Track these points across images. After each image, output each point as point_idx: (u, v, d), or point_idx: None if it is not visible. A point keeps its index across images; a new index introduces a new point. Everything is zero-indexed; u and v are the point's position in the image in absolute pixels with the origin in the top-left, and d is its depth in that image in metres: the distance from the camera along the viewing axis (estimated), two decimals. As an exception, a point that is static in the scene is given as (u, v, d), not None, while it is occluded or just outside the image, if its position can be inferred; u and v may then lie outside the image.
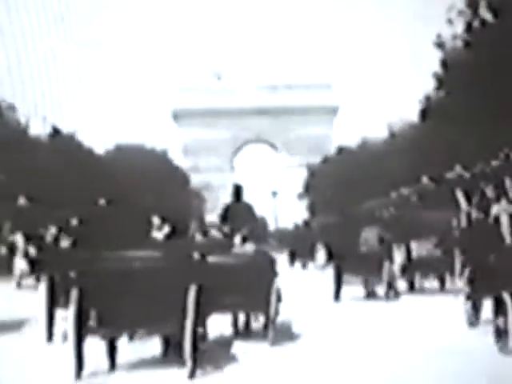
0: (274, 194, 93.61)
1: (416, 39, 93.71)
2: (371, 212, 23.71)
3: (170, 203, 49.89)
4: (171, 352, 10.81)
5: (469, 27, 27.22)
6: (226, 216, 14.22)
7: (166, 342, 11.15)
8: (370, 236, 20.13)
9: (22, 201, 24.78)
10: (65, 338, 12.11)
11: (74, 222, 16.39)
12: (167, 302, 10.11)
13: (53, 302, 13.42)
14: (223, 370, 10.03)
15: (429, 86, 32.37)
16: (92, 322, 10.05)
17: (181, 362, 9.86)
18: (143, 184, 53.31)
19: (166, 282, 10.22)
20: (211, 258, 12.68)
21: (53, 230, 19.87)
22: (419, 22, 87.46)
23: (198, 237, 14.99)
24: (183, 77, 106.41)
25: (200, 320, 10.42)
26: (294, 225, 47.57)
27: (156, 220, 12.38)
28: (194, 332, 10.07)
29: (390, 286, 18.85)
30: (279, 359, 10.58)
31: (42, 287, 13.60)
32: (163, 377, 9.74)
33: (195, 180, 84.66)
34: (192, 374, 9.67)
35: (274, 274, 13.21)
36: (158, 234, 12.34)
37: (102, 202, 16.26)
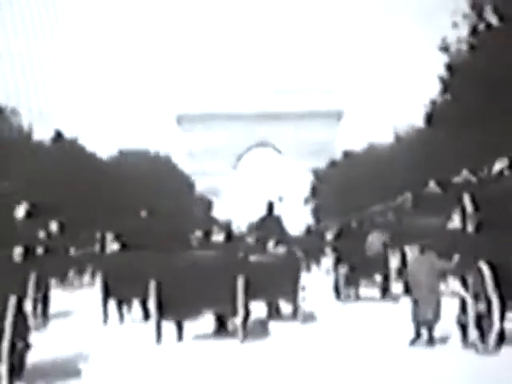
0: (280, 198, 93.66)
1: (421, 43, 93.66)
2: (373, 217, 24.12)
3: (176, 208, 49.79)
4: (222, 328, 14.32)
5: (474, 31, 27.07)
6: (261, 225, 17.90)
7: (218, 320, 14.48)
8: (374, 240, 21.08)
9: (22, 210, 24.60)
10: (121, 319, 16.93)
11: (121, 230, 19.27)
12: (223, 288, 13.33)
13: (107, 294, 17.02)
14: (264, 341, 13.50)
15: (434, 90, 32.25)
16: (166, 306, 13.44)
17: (229, 335, 13.53)
18: (148, 189, 53.18)
19: (222, 274, 13.49)
20: (253, 257, 16.28)
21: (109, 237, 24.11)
22: (424, 25, 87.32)
23: (248, 240, 18.41)
24: (188, 82, 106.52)
25: (246, 303, 13.62)
26: (301, 230, 47.61)
27: (215, 229, 15.44)
28: (244, 311, 13.41)
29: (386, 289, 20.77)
30: (307, 334, 14.20)
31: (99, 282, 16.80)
32: (219, 344, 12.94)
33: (200, 184, 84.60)
34: (243, 340, 13.01)
35: (300, 269, 17.23)
36: (217, 238, 15.23)
37: (143, 213, 18.89)
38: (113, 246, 18.93)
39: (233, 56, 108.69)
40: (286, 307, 17.15)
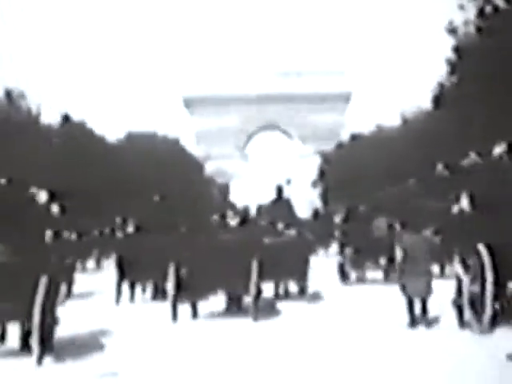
0: (288, 181, 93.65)
1: (428, 25, 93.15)
2: (381, 201, 24.46)
3: (186, 192, 49.88)
4: (232, 307, 15.57)
5: (481, 13, 26.99)
6: (271, 209, 18.36)
7: (229, 299, 15.65)
8: (380, 224, 21.62)
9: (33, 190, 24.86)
10: (132, 299, 18.18)
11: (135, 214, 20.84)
12: (238, 270, 14.19)
13: (122, 275, 18.05)
14: (275, 319, 14.30)
15: (442, 72, 32.20)
16: (183, 287, 14.36)
17: (240, 314, 14.74)
18: (157, 172, 53.27)
19: (238, 256, 14.35)
20: (266, 239, 17.04)
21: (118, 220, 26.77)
22: (431, 7, 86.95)
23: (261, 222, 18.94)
24: (195, 64, 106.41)
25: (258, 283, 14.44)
26: (309, 213, 47.72)
27: (230, 213, 16.11)
28: (257, 290, 14.23)
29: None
30: (314, 313, 15.11)
31: (113, 265, 17.97)
32: (232, 322, 13.93)
33: (208, 168, 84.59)
34: (255, 319, 13.93)
35: (310, 251, 18.72)
36: (232, 222, 16.05)
37: (156, 198, 19.75)
38: (128, 229, 19.67)
39: (241, 38, 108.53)
40: (292, 287, 18.21)
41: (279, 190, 18.49)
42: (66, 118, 45.70)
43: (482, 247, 10.68)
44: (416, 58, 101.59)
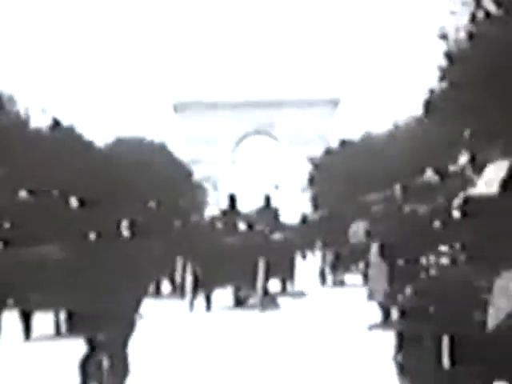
0: (276, 186, 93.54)
1: (419, 31, 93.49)
2: (366, 206, 24.64)
3: (173, 196, 49.74)
4: (240, 302, 17.79)
5: (472, 19, 26.99)
6: (258, 216, 19.50)
7: (237, 295, 17.78)
8: (359, 228, 21.97)
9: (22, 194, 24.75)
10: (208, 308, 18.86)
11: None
12: (247, 268, 16.43)
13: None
14: (278, 311, 16.73)
15: (432, 78, 32.19)
16: (200, 282, 16.78)
17: (249, 307, 17.07)
18: (145, 177, 53.14)
19: (246, 256, 16.59)
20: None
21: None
22: (422, 13, 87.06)
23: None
24: (185, 69, 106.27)
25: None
26: (298, 218, 47.66)
27: (242, 222, 18.09)
28: (264, 286, 16.61)
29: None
30: (305, 307, 17.69)
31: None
32: (242, 314, 16.10)
33: (196, 172, 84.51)
34: (263, 310, 16.14)
35: (295, 252, 21.11)
36: (242, 226, 17.89)
37: (152, 204, 21.34)
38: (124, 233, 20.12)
39: (230, 44, 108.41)
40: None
41: (267, 199, 19.71)
42: (56, 123, 45.46)
43: None
44: (407, 63, 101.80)
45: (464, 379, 4.89)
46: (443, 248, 10.48)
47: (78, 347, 8.89)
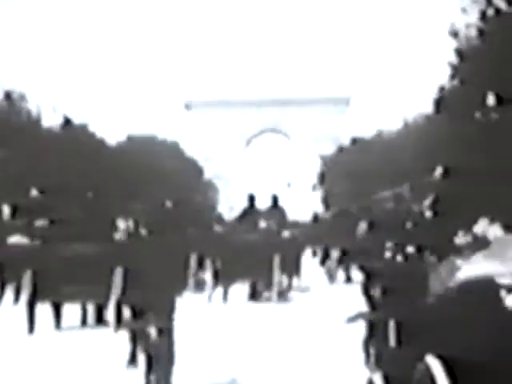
0: (289, 184, 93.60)
1: (429, 28, 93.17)
2: (378, 204, 24.96)
3: (184, 194, 49.82)
4: (255, 295, 18.89)
5: (483, 16, 26.98)
6: (265, 216, 21.17)
7: (252, 289, 19.04)
8: (360, 228, 22.54)
9: (34, 192, 24.99)
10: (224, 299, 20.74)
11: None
12: (263, 264, 17.34)
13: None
14: (289, 303, 18.22)
15: (444, 76, 32.19)
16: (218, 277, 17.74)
17: (261, 300, 18.26)
18: (156, 174, 53.25)
19: (264, 252, 17.58)
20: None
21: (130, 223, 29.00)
22: (433, 10, 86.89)
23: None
24: (195, 68, 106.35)
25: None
26: (310, 217, 47.76)
27: (263, 221, 19.09)
28: (280, 280, 17.56)
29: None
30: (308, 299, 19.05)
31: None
32: (258, 306, 17.49)
33: (208, 170, 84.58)
34: (279, 301, 17.04)
35: (301, 249, 22.07)
36: (262, 224, 19.09)
37: (168, 203, 23.48)
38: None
39: (240, 42, 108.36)
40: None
41: (274, 200, 21.80)
42: (67, 121, 45.65)
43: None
44: (417, 61, 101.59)
45: (405, 358, 5.70)
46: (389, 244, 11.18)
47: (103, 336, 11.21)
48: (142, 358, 9.58)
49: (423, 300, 5.91)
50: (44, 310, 14.53)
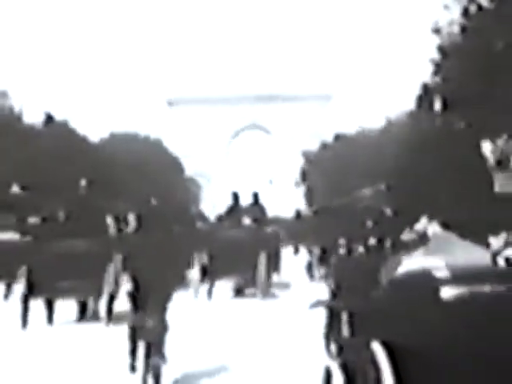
0: (271, 181, 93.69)
1: (412, 25, 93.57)
2: (358, 201, 25.19)
3: (167, 191, 49.74)
4: (239, 291, 19.37)
5: (465, 12, 27.05)
6: (246, 213, 20.95)
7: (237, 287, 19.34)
8: None
9: (15, 189, 24.84)
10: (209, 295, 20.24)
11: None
12: (249, 260, 18.17)
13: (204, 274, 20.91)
14: (276, 298, 18.71)
15: (426, 72, 32.25)
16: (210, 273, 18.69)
17: (248, 296, 18.84)
18: (139, 172, 53.12)
19: (249, 249, 18.33)
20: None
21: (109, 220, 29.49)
22: (415, 7, 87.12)
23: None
24: (178, 65, 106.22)
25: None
26: (292, 213, 47.73)
27: (246, 218, 19.65)
28: (266, 276, 18.41)
29: None
30: (291, 295, 19.44)
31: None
32: (245, 301, 18.22)
33: (190, 167, 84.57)
34: (264, 297, 18.03)
35: (280, 246, 22.57)
36: (246, 221, 19.50)
37: (153, 201, 22.45)
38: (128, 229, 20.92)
39: (223, 39, 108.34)
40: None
41: (255, 196, 21.19)
42: (49, 118, 45.46)
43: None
44: (400, 58, 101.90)
45: (357, 346, 6.13)
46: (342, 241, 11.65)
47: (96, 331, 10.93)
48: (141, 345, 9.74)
49: (373, 292, 6.42)
50: (37, 305, 14.54)
